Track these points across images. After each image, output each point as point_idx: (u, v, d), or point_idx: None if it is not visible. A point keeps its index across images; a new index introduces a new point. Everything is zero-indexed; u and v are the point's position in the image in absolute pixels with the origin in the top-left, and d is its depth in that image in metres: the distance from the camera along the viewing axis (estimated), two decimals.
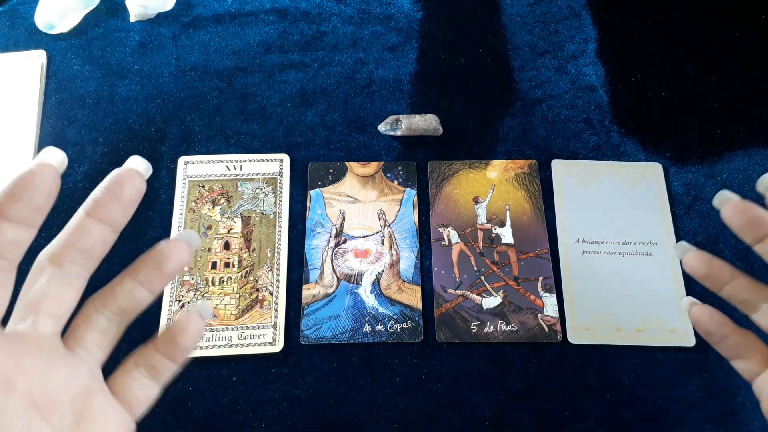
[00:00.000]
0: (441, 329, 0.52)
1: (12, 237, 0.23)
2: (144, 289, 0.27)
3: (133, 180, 0.26)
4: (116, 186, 0.25)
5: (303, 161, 0.60)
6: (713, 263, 0.33)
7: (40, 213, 0.24)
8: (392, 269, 0.55)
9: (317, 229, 0.56)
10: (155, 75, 0.64)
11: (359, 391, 0.51)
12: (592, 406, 0.50)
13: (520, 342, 0.52)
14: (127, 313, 0.27)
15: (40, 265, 0.26)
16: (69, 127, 0.61)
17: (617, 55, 0.66)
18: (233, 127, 0.61)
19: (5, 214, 0.23)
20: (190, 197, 0.57)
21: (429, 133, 0.60)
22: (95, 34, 0.66)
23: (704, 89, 0.64)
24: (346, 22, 0.67)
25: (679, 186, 0.59)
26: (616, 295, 0.54)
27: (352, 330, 0.52)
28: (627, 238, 0.56)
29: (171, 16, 0.67)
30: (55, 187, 0.24)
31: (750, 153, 0.61)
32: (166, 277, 0.27)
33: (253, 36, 0.66)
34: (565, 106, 0.63)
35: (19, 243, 0.24)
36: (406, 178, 0.59)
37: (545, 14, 0.68)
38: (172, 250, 0.27)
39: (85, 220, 0.25)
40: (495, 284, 0.54)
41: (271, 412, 0.50)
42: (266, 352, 0.51)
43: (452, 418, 0.50)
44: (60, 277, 0.25)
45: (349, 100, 0.63)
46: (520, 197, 0.58)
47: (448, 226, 0.57)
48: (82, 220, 0.26)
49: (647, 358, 0.52)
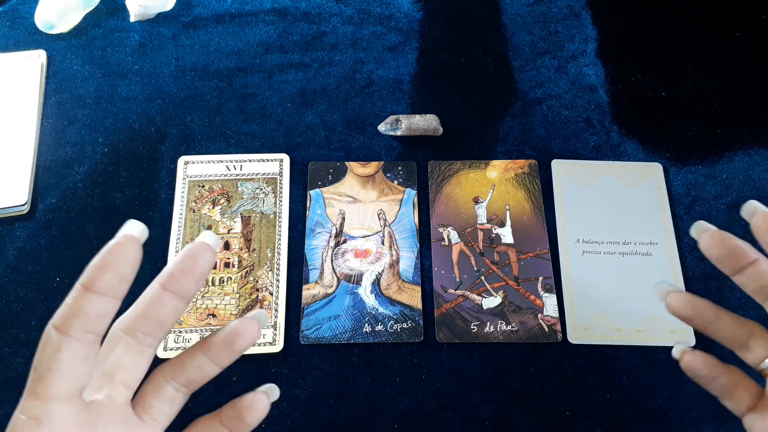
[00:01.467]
0: (441, 329, 0.52)
1: (101, 310, 0.25)
2: (213, 364, 0.28)
3: (206, 254, 0.27)
4: (191, 260, 0.27)
5: (303, 161, 0.60)
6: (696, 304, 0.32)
7: (127, 283, 0.25)
8: (392, 269, 0.55)
9: (317, 229, 0.56)
10: (155, 75, 0.64)
11: (359, 391, 0.51)
12: (592, 406, 0.50)
13: (520, 342, 0.52)
14: (194, 384, 0.29)
15: (116, 335, 0.27)
16: (69, 127, 0.61)
17: (617, 55, 0.66)
18: (233, 127, 0.61)
19: (95, 287, 0.24)
20: (190, 197, 0.57)
21: (429, 133, 0.60)
22: (95, 34, 0.66)
23: (704, 89, 0.64)
24: (346, 22, 0.67)
25: (679, 186, 0.59)
26: (616, 295, 0.54)
27: (352, 330, 0.52)
28: (627, 238, 0.56)
29: (171, 16, 0.67)
30: (138, 258, 0.25)
31: (750, 153, 0.61)
32: (236, 354, 0.28)
33: (253, 36, 0.66)
34: (565, 106, 0.63)
35: (106, 316, 0.25)
36: (406, 178, 0.59)
37: (545, 14, 0.68)
38: (245, 328, 0.28)
39: (161, 293, 0.26)
40: (495, 284, 0.54)
41: (271, 412, 0.49)
42: (266, 352, 0.51)
43: (452, 418, 0.50)
44: (134, 347, 0.27)
45: (349, 100, 0.63)
46: (520, 197, 0.58)
47: (448, 226, 0.57)
48: (157, 293, 0.26)
49: (647, 358, 0.52)
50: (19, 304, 0.53)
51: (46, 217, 0.56)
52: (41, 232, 0.56)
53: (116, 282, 0.25)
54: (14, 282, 0.54)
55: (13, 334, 0.52)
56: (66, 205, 0.57)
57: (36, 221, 0.56)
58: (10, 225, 0.56)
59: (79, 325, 0.24)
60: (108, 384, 0.26)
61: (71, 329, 0.24)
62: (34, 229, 0.56)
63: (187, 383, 0.29)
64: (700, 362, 0.33)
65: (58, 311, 0.25)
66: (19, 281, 0.54)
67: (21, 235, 0.56)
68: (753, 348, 0.32)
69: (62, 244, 0.55)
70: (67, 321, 0.24)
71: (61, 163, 0.59)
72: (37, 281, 0.54)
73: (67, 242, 0.56)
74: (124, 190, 0.58)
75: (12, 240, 0.55)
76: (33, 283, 0.54)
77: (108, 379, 0.26)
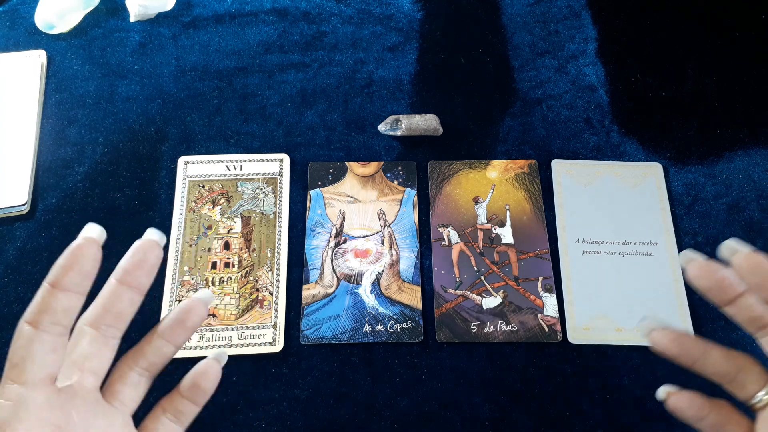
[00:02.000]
0: (441, 329, 0.52)
1: (66, 305, 0.27)
2: (170, 344, 0.31)
3: (154, 249, 0.30)
4: (141, 254, 0.29)
5: (303, 161, 0.60)
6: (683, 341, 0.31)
7: (89, 280, 0.28)
8: (392, 269, 0.55)
9: (317, 229, 0.56)
10: (155, 75, 0.64)
11: (359, 391, 0.51)
12: (592, 406, 0.50)
13: (520, 342, 0.52)
14: (155, 366, 0.31)
15: (81, 329, 0.29)
16: (69, 127, 0.61)
17: (617, 55, 0.66)
18: (233, 127, 0.61)
19: (60, 284, 0.27)
20: (190, 197, 0.57)
21: (429, 133, 0.60)
22: (95, 34, 0.66)
23: (704, 89, 0.64)
24: (346, 22, 0.67)
25: (679, 186, 0.59)
26: (616, 295, 0.54)
27: (352, 330, 0.52)
28: (627, 238, 0.56)
29: (171, 16, 0.67)
30: (98, 257, 0.28)
31: (750, 153, 0.61)
32: (189, 331, 0.31)
33: (253, 36, 0.66)
34: (565, 106, 0.63)
35: (72, 309, 0.27)
36: (406, 178, 0.59)
37: (545, 14, 0.68)
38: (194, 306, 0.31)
39: (117, 287, 0.29)
40: (495, 284, 0.54)
41: (271, 412, 0.50)
42: (266, 352, 0.51)
43: (452, 418, 0.50)
44: (98, 339, 0.29)
45: (349, 100, 0.63)
46: (520, 197, 0.58)
47: (448, 226, 0.57)
48: (114, 288, 0.29)
49: (647, 358, 0.52)
50: (19, 304, 0.53)
51: (46, 217, 0.56)
52: (41, 232, 0.56)
53: (79, 279, 0.27)
54: (14, 282, 0.54)
55: (13, 334, 0.52)
56: (66, 205, 0.57)
57: (36, 221, 0.56)
58: (10, 225, 0.56)
59: (48, 319, 0.27)
60: (77, 372, 0.28)
61: (41, 323, 0.27)
62: (34, 229, 0.56)
63: (148, 367, 0.31)
64: (686, 403, 0.32)
65: (29, 307, 0.27)
66: (19, 281, 0.54)
67: (21, 235, 0.56)
68: (743, 383, 0.30)
69: (62, 244, 0.54)
70: (37, 316, 0.27)
71: (61, 163, 0.59)
72: (37, 281, 0.54)
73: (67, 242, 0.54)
74: (124, 190, 0.58)
75: (12, 240, 0.55)
76: (33, 283, 0.54)
77: (77, 368, 0.29)
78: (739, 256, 0.30)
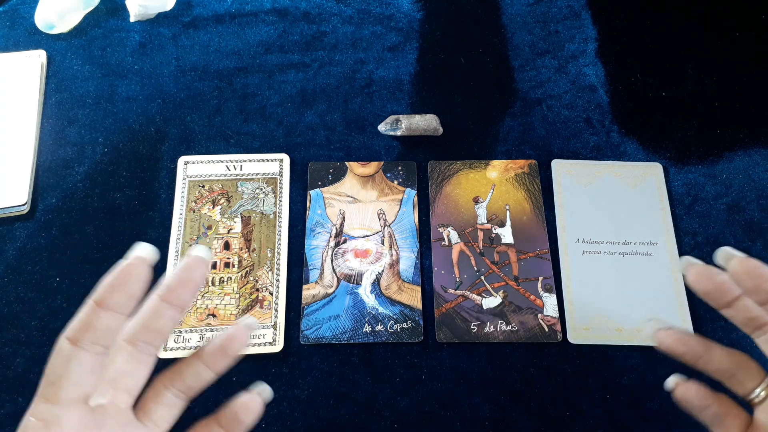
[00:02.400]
0: (441, 329, 0.52)
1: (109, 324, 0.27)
2: (209, 370, 0.30)
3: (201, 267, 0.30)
4: (187, 272, 0.29)
5: (303, 161, 0.60)
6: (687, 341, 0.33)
7: (135, 300, 0.28)
8: (392, 269, 0.55)
9: (317, 229, 0.56)
10: (155, 75, 0.64)
11: (359, 391, 0.51)
12: (592, 406, 0.50)
13: (520, 342, 0.52)
14: (192, 390, 0.30)
15: (119, 344, 0.29)
16: (69, 127, 0.61)
17: (617, 55, 0.66)
18: (233, 127, 0.61)
19: (105, 303, 0.27)
20: (190, 197, 0.57)
21: (429, 133, 0.60)
22: (95, 34, 0.66)
23: (704, 89, 0.64)
24: (346, 22, 0.67)
25: (679, 186, 0.59)
26: (616, 295, 0.54)
27: (352, 330, 0.52)
28: (627, 238, 0.56)
29: (171, 16, 0.67)
30: (148, 278, 0.28)
31: (750, 153, 0.61)
32: (230, 359, 0.31)
33: (253, 36, 0.66)
34: (565, 106, 0.63)
35: (114, 329, 0.27)
36: (406, 178, 0.59)
37: (545, 14, 0.68)
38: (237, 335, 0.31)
39: (159, 305, 0.29)
40: (495, 284, 0.54)
41: (271, 412, 0.50)
42: (266, 352, 0.51)
43: (452, 418, 0.50)
44: (135, 356, 0.29)
45: (349, 100, 0.63)
46: (520, 197, 0.58)
47: (448, 226, 0.57)
48: (156, 304, 0.29)
49: (647, 358, 0.52)
50: (19, 304, 0.53)
51: (46, 217, 0.56)
52: (41, 232, 0.56)
53: (125, 300, 0.27)
54: (14, 282, 0.54)
55: (13, 334, 0.52)
56: (66, 205, 0.57)
57: (36, 221, 0.56)
58: (10, 225, 0.56)
59: (90, 338, 0.26)
60: (111, 390, 0.28)
61: (82, 341, 0.26)
62: (34, 229, 0.56)
63: (185, 389, 0.30)
64: (693, 393, 0.33)
65: (70, 323, 0.27)
66: (19, 281, 0.54)
67: (21, 235, 0.56)
68: (742, 379, 0.32)
69: (62, 244, 0.55)
70: (78, 333, 0.26)
71: (61, 163, 0.59)
72: (37, 281, 0.54)
73: (67, 242, 0.55)
74: (124, 190, 0.58)
75: (12, 240, 0.55)
76: (33, 283, 0.54)
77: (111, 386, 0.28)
78: (734, 261, 0.32)
